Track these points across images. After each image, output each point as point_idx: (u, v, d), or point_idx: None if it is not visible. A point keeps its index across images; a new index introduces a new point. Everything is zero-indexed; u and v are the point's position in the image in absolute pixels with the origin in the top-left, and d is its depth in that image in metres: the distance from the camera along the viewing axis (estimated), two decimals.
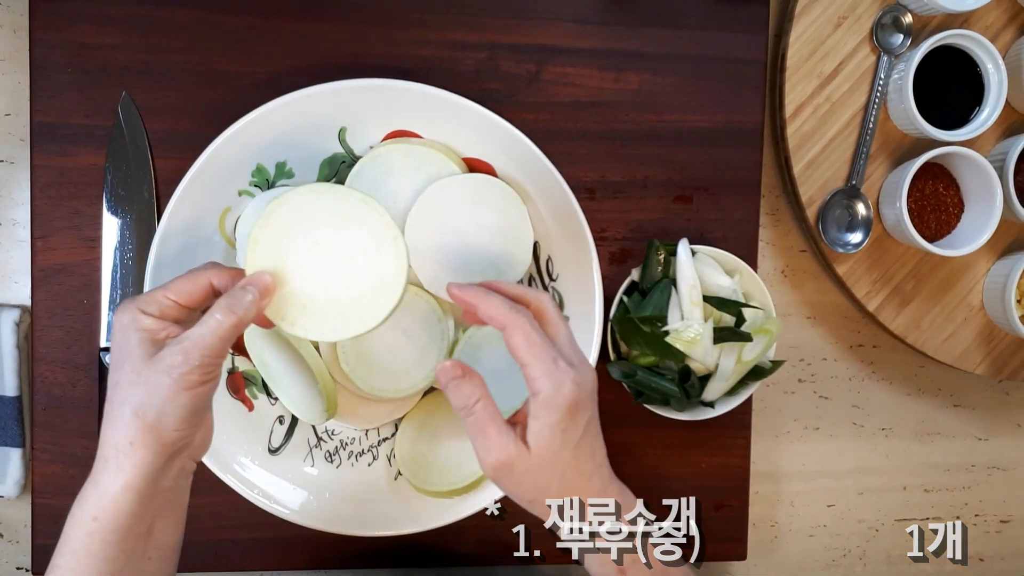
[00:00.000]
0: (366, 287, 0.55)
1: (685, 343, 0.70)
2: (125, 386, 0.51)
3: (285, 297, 0.54)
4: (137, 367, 0.51)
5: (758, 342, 0.72)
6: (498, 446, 0.53)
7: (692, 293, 0.71)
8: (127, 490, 0.51)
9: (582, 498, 0.56)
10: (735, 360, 0.72)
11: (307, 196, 0.55)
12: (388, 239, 0.55)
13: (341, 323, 0.55)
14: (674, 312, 0.72)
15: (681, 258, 0.72)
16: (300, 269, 0.54)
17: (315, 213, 0.55)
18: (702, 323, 0.71)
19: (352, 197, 0.55)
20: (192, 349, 0.51)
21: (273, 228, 0.54)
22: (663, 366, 0.73)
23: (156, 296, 0.53)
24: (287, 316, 0.54)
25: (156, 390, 0.50)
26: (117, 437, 0.51)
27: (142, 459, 0.51)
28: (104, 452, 0.51)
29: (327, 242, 0.55)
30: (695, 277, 0.72)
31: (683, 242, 0.73)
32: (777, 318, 0.74)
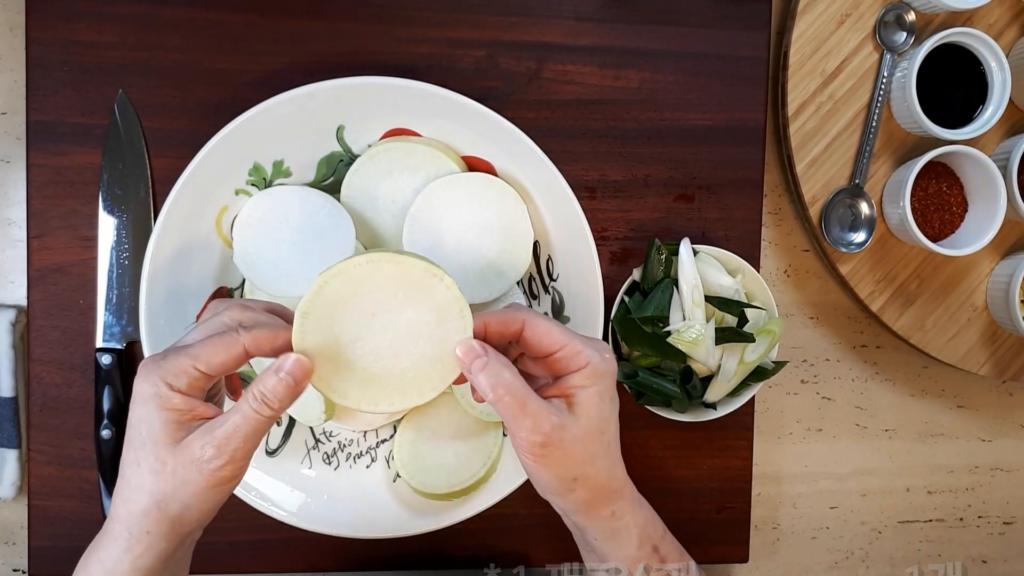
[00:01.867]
0: (425, 359, 0.52)
1: (687, 344, 0.70)
2: (147, 472, 0.48)
3: (338, 369, 0.51)
4: (162, 455, 0.48)
5: (761, 343, 0.71)
6: (543, 416, 0.50)
7: (694, 293, 0.71)
8: (137, 571, 0.49)
9: (619, 473, 0.54)
10: (737, 361, 0.71)
11: (365, 268, 0.51)
12: (455, 312, 0.52)
13: (397, 396, 0.52)
14: (676, 312, 0.71)
15: (683, 258, 0.72)
16: (355, 343, 0.51)
17: (373, 284, 0.51)
18: (704, 324, 0.70)
19: (416, 268, 0.51)
20: (226, 443, 0.48)
21: (325, 300, 0.50)
22: (664, 367, 0.73)
23: (184, 367, 0.48)
24: (339, 388, 0.51)
25: (183, 485, 0.48)
26: (132, 522, 0.48)
27: (156, 546, 0.49)
28: (114, 529, 0.49)
29: (385, 314, 0.51)
30: (697, 277, 0.71)
31: (685, 242, 0.72)
32: (780, 318, 0.74)
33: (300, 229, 0.67)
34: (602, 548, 0.56)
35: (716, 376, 0.72)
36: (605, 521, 0.55)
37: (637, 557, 0.56)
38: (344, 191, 0.69)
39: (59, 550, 0.72)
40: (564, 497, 0.54)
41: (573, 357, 0.52)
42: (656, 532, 0.58)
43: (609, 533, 0.55)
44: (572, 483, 0.53)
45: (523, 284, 0.72)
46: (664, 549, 0.57)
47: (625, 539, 0.55)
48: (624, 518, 0.55)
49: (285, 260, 0.67)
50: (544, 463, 0.51)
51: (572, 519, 0.56)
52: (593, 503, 0.54)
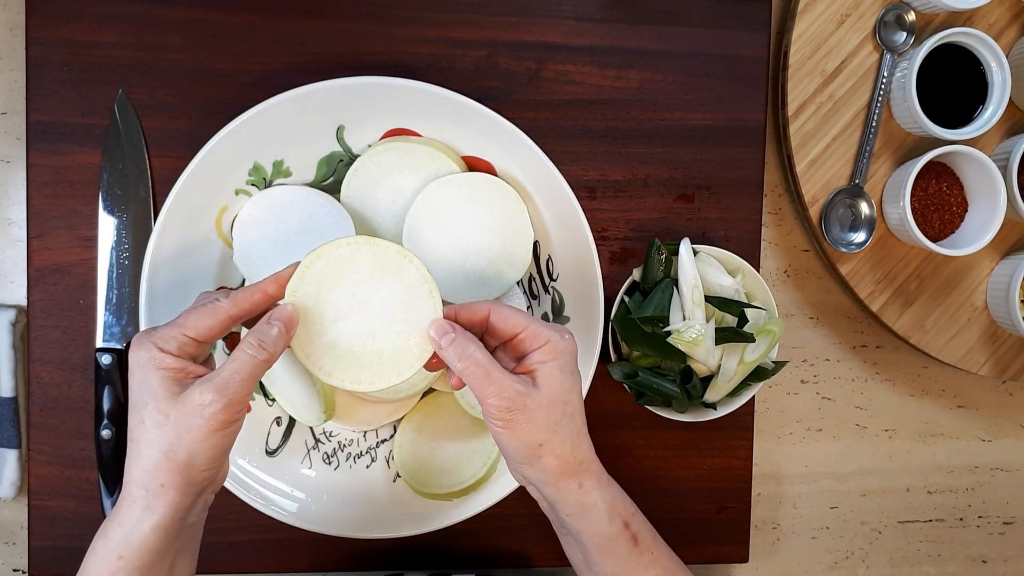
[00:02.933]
0: (401, 338, 0.56)
1: (687, 344, 0.69)
2: (152, 427, 0.51)
3: (323, 348, 0.56)
4: (163, 408, 0.51)
5: (761, 343, 0.71)
6: (507, 384, 0.54)
7: (694, 293, 0.70)
8: (156, 530, 0.51)
9: (584, 446, 0.57)
10: (737, 361, 0.71)
11: (344, 249, 0.56)
12: (424, 292, 0.56)
13: (377, 374, 0.56)
14: (676, 312, 0.71)
15: (683, 258, 0.72)
16: (337, 322, 0.56)
17: (352, 265, 0.56)
18: (704, 324, 0.70)
19: (389, 250, 0.56)
20: (224, 387, 0.51)
21: (311, 280, 0.55)
22: (664, 367, 0.73)
23: (173, 333, 0.52)
24: (324, 366, 0.56)
25: (187, 432, 0.50)
26: (146, 478, 0.51)
27: (172, 500, 0.51)
28: (131, 492, 0.51)
29: (364, 294, 0.56)
30: (697, 277, 0.71)
31: (685, 242, 0.72)
32: (780, 319, 0.74)
33: (300, 229, 0.67)
34: (574, 525, 0.58)
35: (716, 376, 0.72)
36: (573, 494, 0.57)
37: (608, 533, 0.57)
38: (344, 191, 0.69)
39: (59, 550, 0.72)
40: (532, 465, 0.56)
41: (534, 337, 0.56)
42: (627, 510, 0.59)
43: (578, 508, 0.57)
44: (538, 449, 0.55)
45: (523, 284, 0.72)
46: (635, 526, 0.59)
47: (594, 514, 0.57)
48: (592, 492, 0.57)
49: (285, 260, 0.67)
50: (511, 428, 0.54)
51: (543, 493, 0.58)
52: (560, 472, 0.56)
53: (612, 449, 0.78)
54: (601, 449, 0.77)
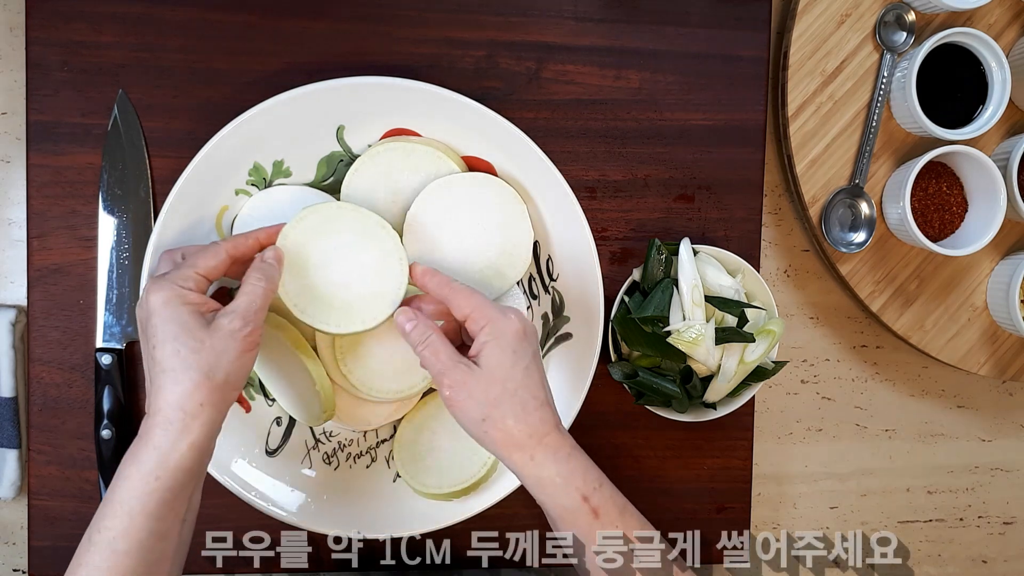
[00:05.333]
0: (369, 294, 0.63)
1: (687, 344, 0.69)
2: (189, 354, 0.55)
3: (303, 289, 0.63)
4: (199, 336, 0.56)
5: (761, 343, 0.71)
6: (451, 363, 0.59)
7: (694, 293, 0.70)
8: (192, 448, 0.55)
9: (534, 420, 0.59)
10: (737, 361, 0.71)
11: (335, 210, 0.64)
12: (395, 259, 0.64)
13: (344, 320, 0.63)
14: (676, 312, 0.71)
15: (683, 258, 0.72)
16: (319, 268, 0.63)
17: (339, 224, 0.64)
18: (704, 324, 0.70)
19: (371, 219, 0.64)
20: (248, 312, 0.57)
21: (303, 229, 0.63)
22: (664, 367, 0.73)
23: (188, 273, 0.58)
24: (299, 304, 0.63)
25: (223, 353, 0.56)
26: (185, 401, 0.55)
27: (209, 418, 0.55)
28: (166, 416, 0.55)
29: (345, 249, 0.63)
30: (697, 277, 0.71)
31: (685, 242, 0.72)
32: (780, 319, 0.74)
33: None
34: (537, 496, 0.60)
35: (716, 376, 0.72)
36: (527, 466, 0.59)
37: (566, 505, 0.59)
38: (344, 191, 0.69)
39: (59, 550, 0.72)
40: (481, 440, 0.60)
41: (477, 319, 0.60)
42: (588, 484, 0.60)
43: (534, 480, 0.59)
44: (482, 423, 0.59)
45: (523, 284, 0.72)
46: (596, 500, 0.60)
47: (549, 487, 0.59)
48: (545, 465, 0.59)
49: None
50: (453, 405, 0.60)
51: (505, 465, 0.61)
52: (507, 445, 0.59)
53: (612, 449, 0.78)
54: (601, 449, 0.78)
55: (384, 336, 0.68)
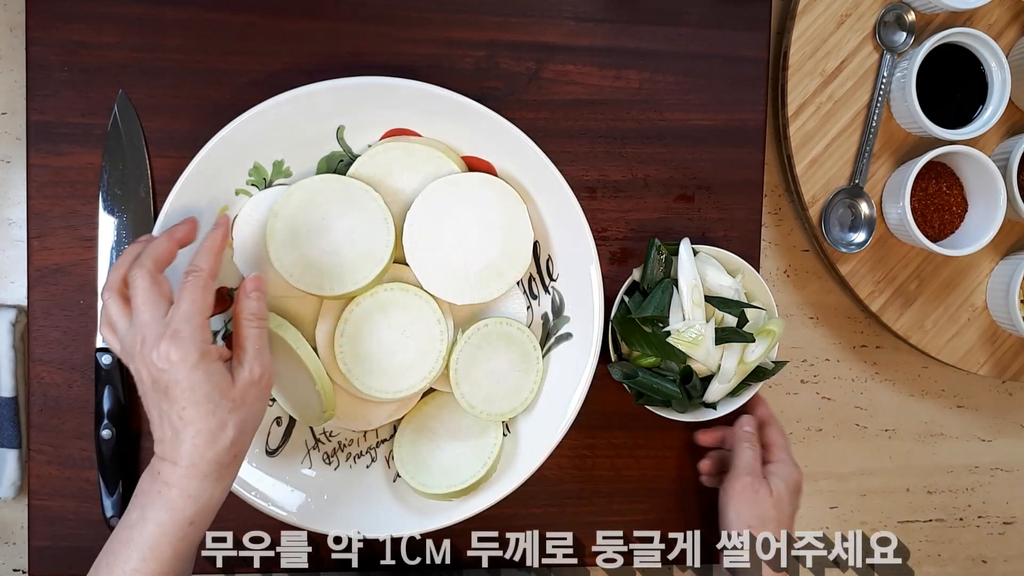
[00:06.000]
0: (359, 256, 0.66)
1: (687, 344, 0.69)
2: (225, 414, 0.56)
3: (295, 259, 0.66)
4: (230, 394, 0.57)
5: (761, 343, 0.71)
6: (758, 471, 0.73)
7: (694, 293, 0.70)
8: (225, 491, 0.58)
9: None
10: (737, 361, 0.71)
11: (319, 184, 0.67)
12: (380, 219, 0.67)
13: (336, 282, 0.66)
14: (676, 312, 0.71)
15: (683, 258, 0.72)
16: (309, 237, 0.66)
17: (324, 195, 0.66)
18: (704, 324, 0.70)
19: (354, 185, 0.67)
20: (261, 356, 0.59)
21: (291, 205, 0.66)
22: (664, 367, 0.73)
23: (200, 322, 0.57)
24: (294, 274, 0.66)
25: (254, 404, 0.58)
26: (221, 455, 0.56)
27: (239, 465, 0.59)
28: (202, 469, 0.56)
29: (332, 217, 0.66)
30: (697, 277, 0.71)
31: (685, 242, 0.72)
32: (780, 319, 0.74)
33: None
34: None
35: (716, 376, 0.72)
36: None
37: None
38: None
39: (59, 550, 0.72)
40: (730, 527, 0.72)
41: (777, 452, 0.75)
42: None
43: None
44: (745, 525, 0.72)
45: (523, 284, 0.72)
46: None
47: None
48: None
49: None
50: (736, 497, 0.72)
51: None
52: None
53: (612, 449, 0.78)
54: (601, 449, 0.78)
55: (385, 333, 0.68)
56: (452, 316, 0.70)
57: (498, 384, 0.70)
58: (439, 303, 0.69)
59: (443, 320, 0.69)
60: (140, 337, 0.56)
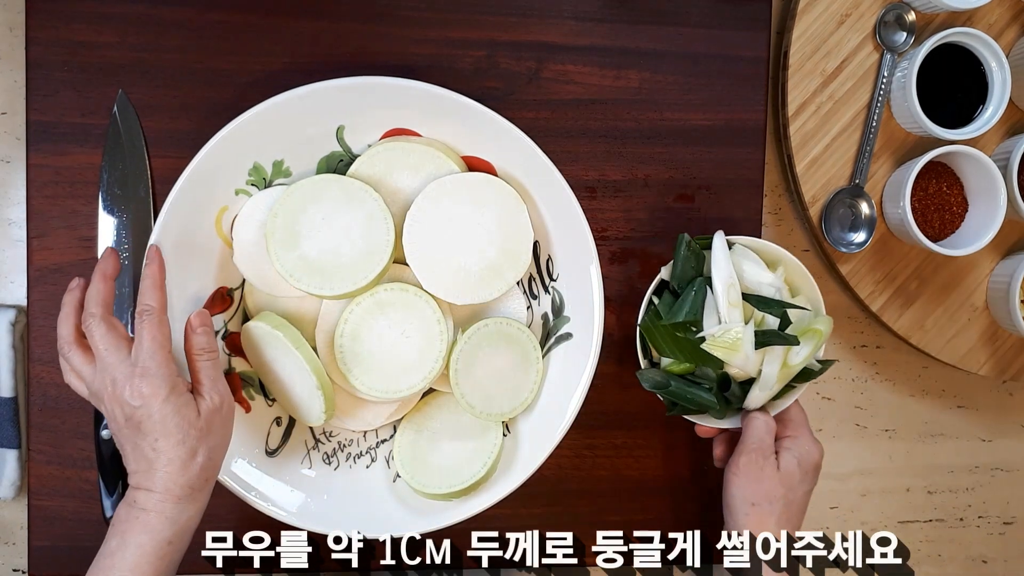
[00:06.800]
0: (358, 256, 0.66)
1: (724, 350, 0.64)
2: (194, 443, 0.59)
3: (295, 259, 0.66)
4: (198, 424, 0.59)
5: (805, 345, 0.65)
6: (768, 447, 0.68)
7: (730, 292, 0.64)
8: (200, 511, 0.61)
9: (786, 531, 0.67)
10: (780, 365, 0.66)
11: (319, 183, 0.67)
12: (380, 219, 0.66)
13: (337, 282, 0.66)
14: (710, 315, 0.65)
15: (716, 254, 0.66)
16: (309, 237, 0.66)
17: (324, 195, 0.66)
18: (742, 326, 0.64)
19: (354, 184, 0.67)
20: (217, 385, 0.62)
21: (291, 205, 0.66)
22: (699, 373, 0.68)
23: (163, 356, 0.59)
24: (294, 273, 0.65)
25: (218, 431, 0.61)
26: (193, 480, 0.59)
27: (211, 486, 0.61)
28: (176, 493, 0.59)
29: (332, 217, 0.66)
30: (733, 275, 0.65)
31: (719, 235, 0.67)
32: (827, 316, 0.68)
33: None
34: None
35: (757, 382, 0.67)
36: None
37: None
38: None
39: (59, 550, 0.72)
40: (734, 513, 0.68)
41: (792, 427, 0.70)
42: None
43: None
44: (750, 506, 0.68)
45: (523, 284, 0.72)
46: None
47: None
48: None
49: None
50: (741, 475, 0.68)
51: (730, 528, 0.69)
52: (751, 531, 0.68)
53: (612, 449, 0.78)
54: (601, 449, 0.78)
55: (385, 334, 0.68)
56: (452, 316, 0.70)
57: (498, 384, 0.70)
58: (439, 303, 0.69)
59: (443, 320, 0.69)
60: (109, 379, 0.59)
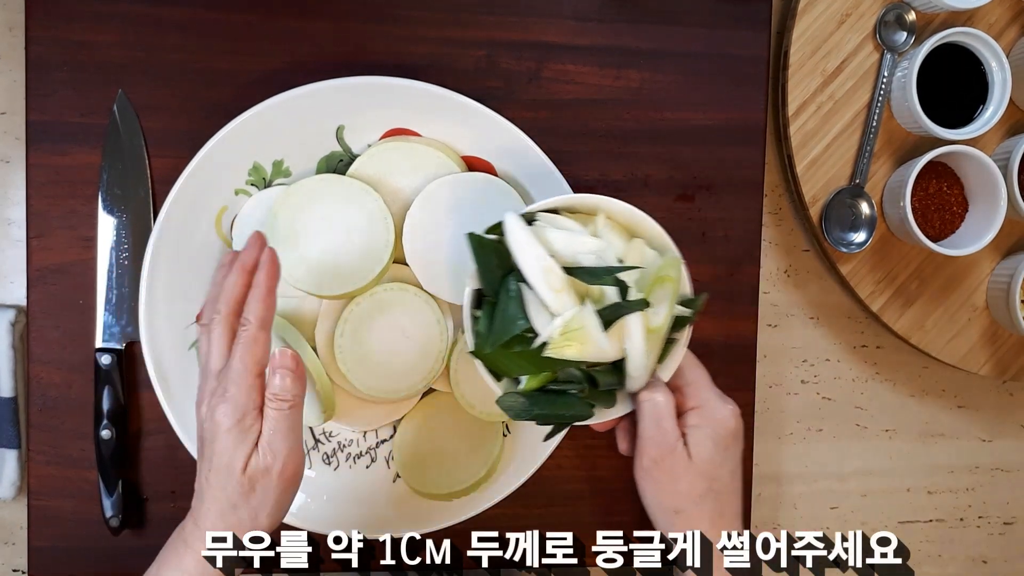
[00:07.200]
0: (359, 256, 0.66)
1: (571, 347, 0.53)
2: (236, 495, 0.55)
3: (296, 260, 0.66)
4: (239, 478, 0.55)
5: (661, 302, 0.54)
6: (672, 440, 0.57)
7: (549, 278, 0.53)
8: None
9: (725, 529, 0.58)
10: (643, 336, 0.54)
11: (319, 183, 0.67)
12: (380, 219, 0.66)
13: (337, 282, 0.66)
14: (538, 313, 0.54)
15: (515, 239, 0.54)
16: (310, 238, 0.66)
17: (324, 195, 0.66)
18: (579, 310, 0.53)
19: (354, 185, 0.67)
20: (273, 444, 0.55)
21: (291, 204, 0.66)
22: (563, 376, 0.56)
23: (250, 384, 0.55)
24: (295, 274, 0.65)
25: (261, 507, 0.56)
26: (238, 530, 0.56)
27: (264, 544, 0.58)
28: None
29: (332, 217, 0.66)
30: (544, 256, 0.54)
31: (509, 216, 0.55)
32: (674, 256, 0.57)
33: None
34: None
35: (627, 364, 0.56)
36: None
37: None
38: None
39: (59, 550, 0.72)
40: (663, 526, 0.59)
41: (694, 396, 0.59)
42: None
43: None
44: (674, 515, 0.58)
45: None
46: None
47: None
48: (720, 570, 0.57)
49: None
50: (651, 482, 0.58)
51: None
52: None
53: (612, 449, 0.77)
54: (601, 449, 0.78)
55: (385, 334, 0.68)
56: (452, 316, 0.70)
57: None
58: (439, 303, 0.69)
59: (443, 320, 0.69)
60: (202, 383, 0.57)
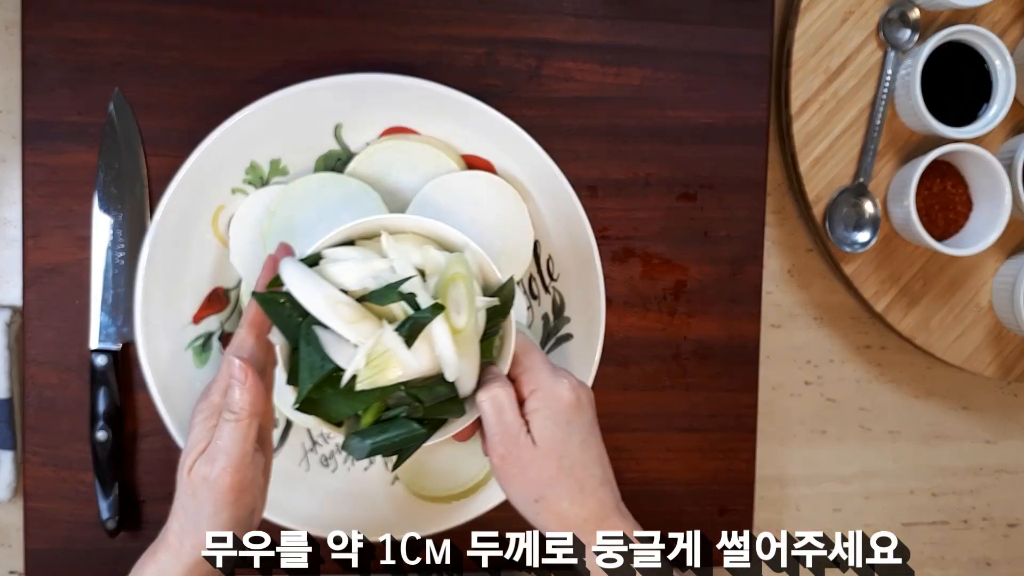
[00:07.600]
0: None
1: (383, 375, 0.52)
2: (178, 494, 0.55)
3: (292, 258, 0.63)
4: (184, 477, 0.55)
5: (458, 305, 0.53)
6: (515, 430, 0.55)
7: (339, 310, 0.52)
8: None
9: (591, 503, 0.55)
10: (451, 340, 0.53)
11: (316, 182, 0.66)
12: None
13: None
14: (339, 349, 0.52)
15: (293, 282, 0.53)
16: (306, 237, 0.64)
17: (322, 195, 0.66)
18: (377, 335, 0.52)
19: (352, 183, 0.66)
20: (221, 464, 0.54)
21: (288, 204, 0.66)
22: (392, 402, 0.55)
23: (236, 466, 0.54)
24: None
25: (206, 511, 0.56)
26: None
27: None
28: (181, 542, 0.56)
29: (329, 218, 0.64)
30: (330, 291, 0.53)
31: (284, 261, 0.54)
32: (460, 252, 0.56)
33: None
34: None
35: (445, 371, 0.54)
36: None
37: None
38: None
39: (55, 552, 0.72)
40: (533, 520, 0.57)
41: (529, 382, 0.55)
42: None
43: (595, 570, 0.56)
44: (535, 504, 0.56)
45: (523, 284, 0.72)
46: None
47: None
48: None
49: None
50: (506, 479, 0.56)
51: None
52: (563, 529, 0.56)
53: (613, 452, 0.77)
54: None
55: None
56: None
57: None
58: None
59: None
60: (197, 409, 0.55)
